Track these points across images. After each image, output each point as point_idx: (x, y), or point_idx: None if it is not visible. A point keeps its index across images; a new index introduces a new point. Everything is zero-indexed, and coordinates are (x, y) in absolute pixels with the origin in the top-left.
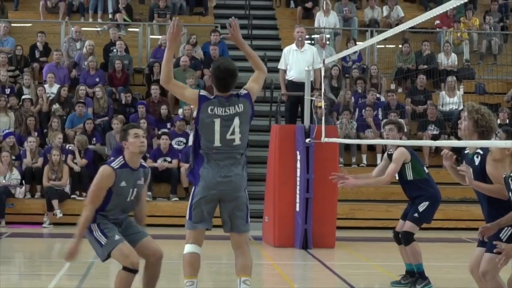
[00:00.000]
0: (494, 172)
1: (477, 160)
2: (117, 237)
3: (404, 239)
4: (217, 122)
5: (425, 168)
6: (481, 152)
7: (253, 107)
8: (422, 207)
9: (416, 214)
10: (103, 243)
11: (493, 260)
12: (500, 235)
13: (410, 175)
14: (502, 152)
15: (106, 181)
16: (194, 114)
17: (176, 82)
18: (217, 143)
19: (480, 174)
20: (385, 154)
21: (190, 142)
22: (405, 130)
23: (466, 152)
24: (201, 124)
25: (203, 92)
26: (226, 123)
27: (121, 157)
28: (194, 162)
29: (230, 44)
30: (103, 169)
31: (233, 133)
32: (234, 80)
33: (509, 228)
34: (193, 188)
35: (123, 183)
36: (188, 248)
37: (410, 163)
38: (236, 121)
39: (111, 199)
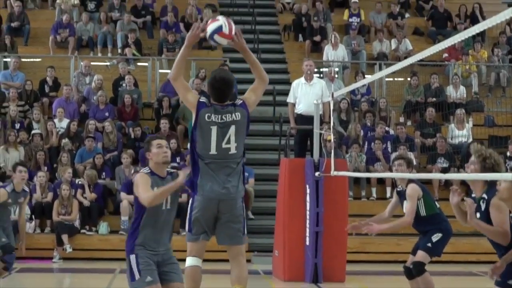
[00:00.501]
0: (497, 215)
1: (483, 206)
2: (149, 278)
3: (417, 269)
4: (214, 129)
5: (436, 203)
6: (486, 197)
7: (249, 116)
8: (435, 237)
9: (429, 244)
10: (135, 278)
11: None
12: None
13: (423, 211)
14: (510, 191)
15: (147, 179)
16: None
17: (183, 81)
18: (213, 151)
19: (486, 220)
20: (395, 191)
21: None
22: (415, 164)
23: (473, 196)
24: (199, 131)
25: (203, 99)
26: (222, 131)
27: (147, 167)
28: (192, 171)
29: (239, 78)
30: (140, 175)
31: (228, 141)
32: (230, 90)
33: None
34: (191, 198)
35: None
36: (190, 261)
37: (422, 198)
38: (232, 129)
39: (145, 212)
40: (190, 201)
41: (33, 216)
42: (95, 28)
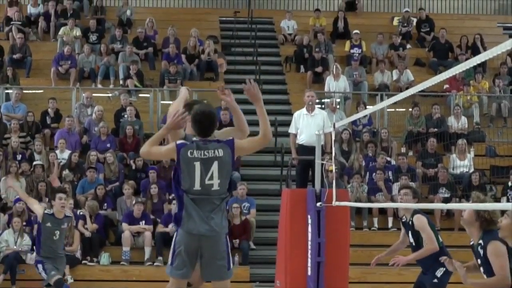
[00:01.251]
0: (495, 261)
1: (481, 252)
2: None
3: None
4: (197, 165)
5: (439, 236)
6: (483, 243)
7: (234, 156)
8: (439, 272)
9: (435, 280)
10: None
11: None
12: None
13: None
14: (511, 227)
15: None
16: None
17: (155, 148)
18: (197, 186)
19: (487, 264)
20: (401, 225)
21: None
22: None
23: (471, 243)
24: (183, 166)
25: (180, 141)
26: (205, 167)
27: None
28: (177, 205)
29: (241, 109)
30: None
31: (211, 178)
32: (211, 123)
33: None
34: (176, 231)
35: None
36: None
37: None
38: (215, 165)
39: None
40: (175, 235)
41: (34, 247)
42: (96, 60)
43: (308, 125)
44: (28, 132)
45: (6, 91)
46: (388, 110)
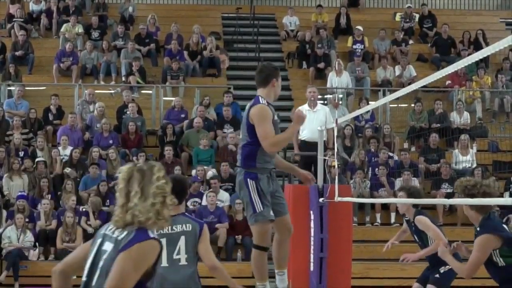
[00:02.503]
0: (475, 254)
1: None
2: None
3: None
4: (163, 241)
5: (444, 235)
6: (477, 232)
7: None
8: (443, 269)
9: (437, 275)
10: None
11: None
12: None
13: (430, 243)
14: None
15: None
16: (208, 174)
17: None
18: (164, 262)
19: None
20: (404, 219)
21: (204, 202)
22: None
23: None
24: None
25: None
26: (171, 242)
27: None
28: None
29: (243, 105)
30: None
31: (178, 253)
32: (180, 191)
33: None
34: None
35: None
36: None
37: None
38: (182, 240)
39: None
40: None
41: (37, 244)
42: (99, 57)
43: (310, 121)
44: (30, 129)
45: (9, 88)
46: (390, 105)
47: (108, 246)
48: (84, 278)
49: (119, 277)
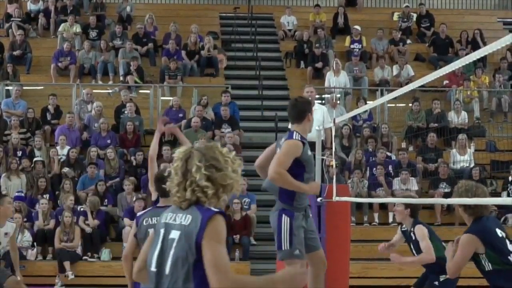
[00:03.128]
0: (458, 253)
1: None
2: None
3: None
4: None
5: (443, 244)
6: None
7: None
8: (443, 277)
9: (436, 283)
10: None
11: None
12: None
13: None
14: None
15: None
16: None
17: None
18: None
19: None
20: (399, 229)
21: None
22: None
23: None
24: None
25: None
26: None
27: None
28: None
29: (241, 105)
30: None
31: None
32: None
33: None
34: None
35: None
36: None
37: (429, 240)
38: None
39: None
40: None
41: (35, 243)
42: (97, 56)
43: None
44: (28, 129)
45: (6, 87)
46: (388, 105)
47: (175, 234)
48: (153, 269)
49: (217, 264)
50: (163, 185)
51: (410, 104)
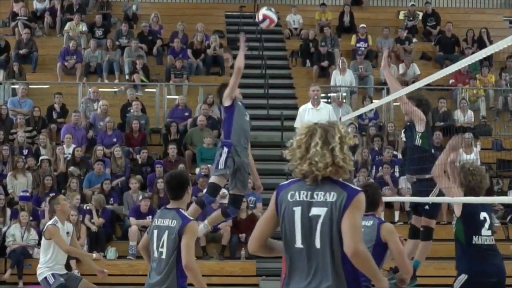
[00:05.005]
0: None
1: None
2: None
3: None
4: (155, 232)
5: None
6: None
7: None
8: (433, 195)
9: (426, 207)
10: None
11: None
12: None
13: None
14: None
15: None
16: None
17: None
18: (154, 253)
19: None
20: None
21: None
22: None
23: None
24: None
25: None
26: (158, 235)
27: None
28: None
29: (246, 104)
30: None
31: (162, 246)
32: (175, 186)
33: None
34: None
35: None
36: None
37: None
38: (166, 235)
39: None
40: None
41: (40, 242)
42: (102, 55)
43: (314, 119)
44: (34, 127)
45: (12, 86)
46: (394, 104)
47: (319, 211)
48: (299, 246)
49: (356, 227)
50: (173, 187)
51: None
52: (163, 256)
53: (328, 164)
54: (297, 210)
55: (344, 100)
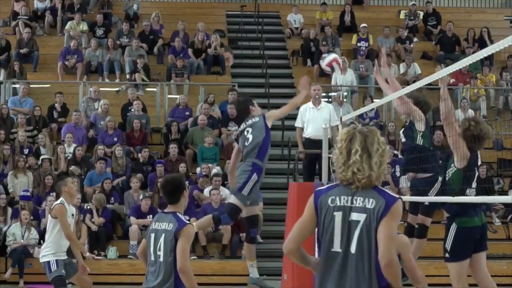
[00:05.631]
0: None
1: None
2: None
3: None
4: (152, 236)
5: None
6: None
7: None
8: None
9: (426, 203)
10: None
11: None
12: None
13: None
14: None
15: None
16: (213, 172)
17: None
18: (151, 256)
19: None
20: None
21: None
22: None
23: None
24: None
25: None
26: (156, 238)
27: None
28: None
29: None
30: None
31: (159, 249)
32: (171, 191)
33: None
34: None
35: None
36: None
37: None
38: (162, 238)
39: None
40: None
41: (41, 241)
42: (103, 54)
43: (315, 119)
44: (35, 127)
45: (13, 85)
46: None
47: (358, 217)
48: (337, 250)
49: (392, 237)
50: (169, 191)
51: None
52: (161, 259)
53: (367, 173)
54: (338, 215)
55: (345, 100)
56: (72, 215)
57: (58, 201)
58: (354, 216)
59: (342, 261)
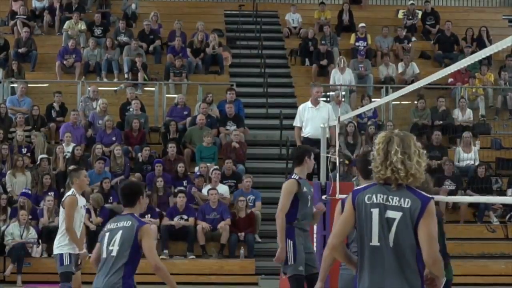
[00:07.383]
0: None
1: None
2: None
3: None
4: (106, 236)
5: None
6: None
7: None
8: None
9: None
10: None
11: None
12: None
13: None
14: None
15: None
16: (210, 172)
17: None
18: (103, 254)
19: None
20: None
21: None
22: None
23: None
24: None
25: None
26: (110, 236)
27: None
28: None
29: (246, 102)
30: None
31: (112, 244)
32: (129, 195)
33: None
34: None
35: None
36: None
37: None
38: (119, 234)
39: None
40: None
41: (40, 240)
42: (102, 54)
43: (313, 118)
44: (33, 126)
45: (12, 85)
46: (393, 103)
47: (395, 215)
48: (375, 244)
49: (434, 237)
50: (126, 194)
51: (415, 102)
52: (113, 254)
53: (408, 173)
54: (375, 211)
55: (343, 99)
56: (84, 205)
57: (70, 192)
58: (390, 213)
59: (380, 254)
